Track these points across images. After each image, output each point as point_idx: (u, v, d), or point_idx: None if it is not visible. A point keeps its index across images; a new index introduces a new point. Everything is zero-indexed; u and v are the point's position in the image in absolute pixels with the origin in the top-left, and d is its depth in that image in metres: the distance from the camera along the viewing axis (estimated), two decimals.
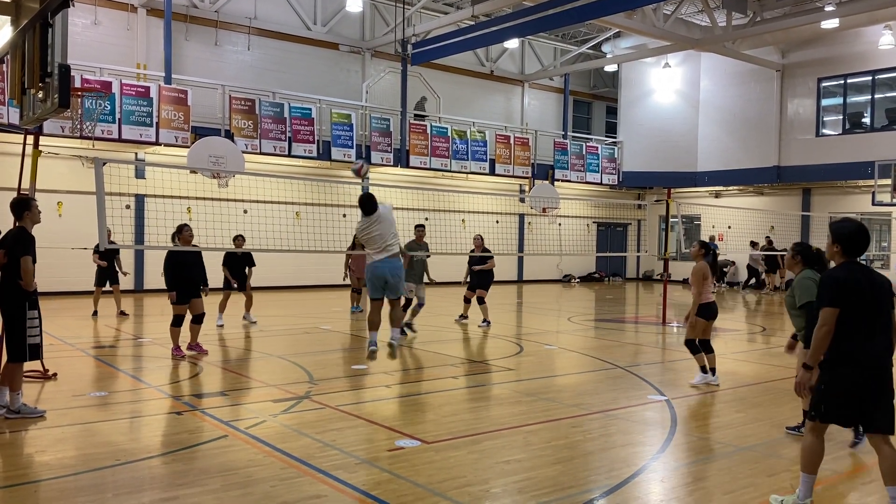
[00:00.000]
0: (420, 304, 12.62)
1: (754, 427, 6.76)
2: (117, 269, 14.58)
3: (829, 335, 4.38)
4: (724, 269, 26.28)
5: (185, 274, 9.92)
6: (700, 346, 8.55)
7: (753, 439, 6.33)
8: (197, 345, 10.20)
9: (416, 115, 24.38)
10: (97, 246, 13.69)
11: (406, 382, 8.76)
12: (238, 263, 13.30)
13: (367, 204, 8.21)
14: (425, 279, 12.74)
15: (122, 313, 14.51)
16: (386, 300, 8.41)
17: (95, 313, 14.34)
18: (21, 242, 6.58)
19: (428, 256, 12.84)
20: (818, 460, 4.62)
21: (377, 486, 4.97)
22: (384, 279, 8.18)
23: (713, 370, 8.66)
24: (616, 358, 10.47)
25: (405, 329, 11.71)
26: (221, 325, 12.91)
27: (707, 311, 8.49)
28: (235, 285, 13.21)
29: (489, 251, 14.28)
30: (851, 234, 4.57)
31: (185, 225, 10.06)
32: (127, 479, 5.11)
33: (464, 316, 14.48)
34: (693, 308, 8.59)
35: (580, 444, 6.18)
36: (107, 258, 14.28)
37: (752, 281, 25.27)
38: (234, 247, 13.04)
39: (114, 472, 5.22)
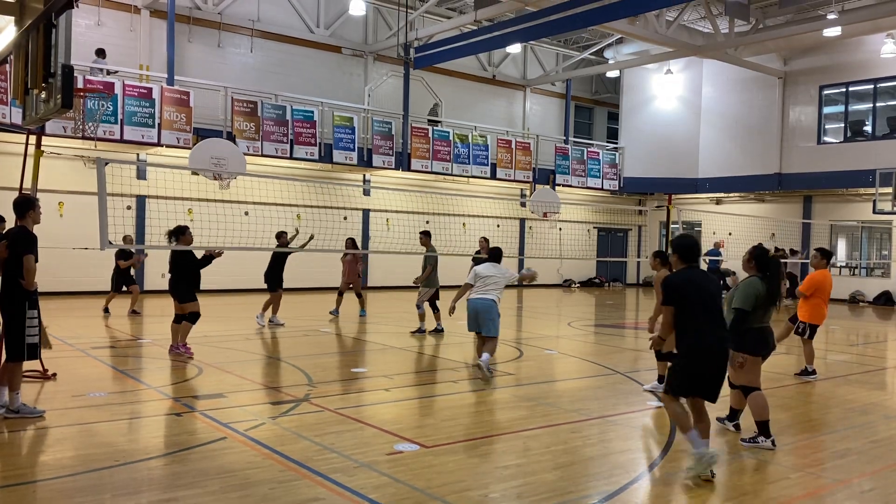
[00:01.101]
0: None
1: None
2: (132, 270, 15.15)
3: (671, 327, 5.58)
4: (727, 278, 26.22)
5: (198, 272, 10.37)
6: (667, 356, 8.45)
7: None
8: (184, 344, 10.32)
9: (429, 121, 24.53)
10: (119, 252, 14.51)
11: (405, 386, 8.76)
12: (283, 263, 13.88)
13: (499, 256, 9.58)
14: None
15: (135, 312, 14.77)
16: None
17: (107, 310, 14.68)
18: (25, 241, 6.59)
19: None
20: (688, 419, 5.49)
21: (375, 490, 4.97)
22: (476, 312, 9.09)
23: (662, 378, 8.50)
24: (616, 363, 10.47)
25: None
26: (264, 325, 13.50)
27: None
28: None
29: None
30: (689, 246, 5.72)
31: (187, 227, 10.25)
32: (125, 480, 5.10)
33: None
34: (653, 318, 8.68)
35: (579, 449, 6.17)
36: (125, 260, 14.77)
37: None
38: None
39: (112, 473, 5.21)
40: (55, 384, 8.06)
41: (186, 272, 10.16)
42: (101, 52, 18.51)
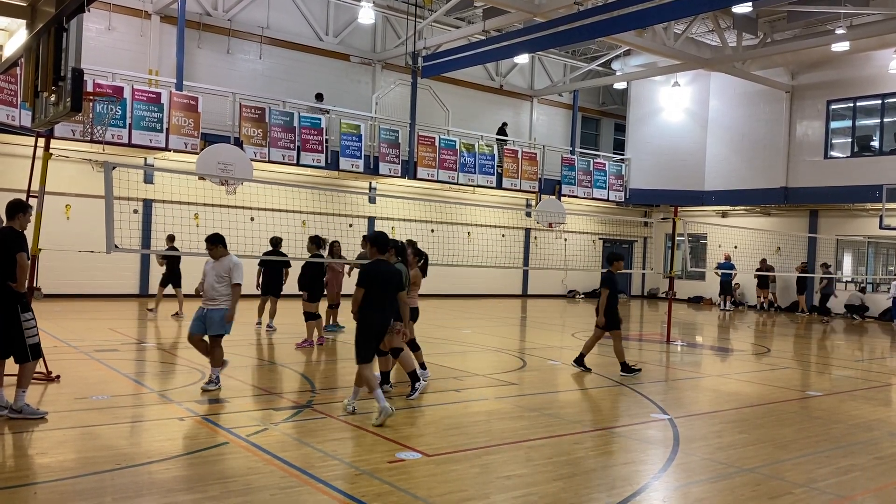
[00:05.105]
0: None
1: (757, 448, 6.72)
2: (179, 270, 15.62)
3: (358, 303, 7.05)
4: (734, 289, 26.14)
5: None
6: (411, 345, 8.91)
7: (756, 461, 6.29)
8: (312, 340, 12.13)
9: (497, 140, 25.05)
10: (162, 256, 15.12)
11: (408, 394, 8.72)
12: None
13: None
14: None
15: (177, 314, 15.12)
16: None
17: (152, 310, 15.36)
18: (17, 240, 6.64)
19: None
20: (376, 381, 7.18)
21: (377, 498, 4.95)
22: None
23: (423, 365, 9.26)
24: (619, 375, 10.43)
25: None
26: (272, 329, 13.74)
27: (413, 314, 8.98)
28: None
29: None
30: (382, 241, 7.36)
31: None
32: (127, 484, 5.10)
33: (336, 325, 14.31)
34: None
35: (582, 460, 6.15)
36: (171, 261, 15.36)
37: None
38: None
39: (114, 477, 5.21)
40: (58, 386, 8.08)
41: (317, 278, 12.26)
42: (319, 96, 21.61)
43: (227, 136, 19.37)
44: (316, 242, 12.66)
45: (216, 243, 8.31)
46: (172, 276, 15.55)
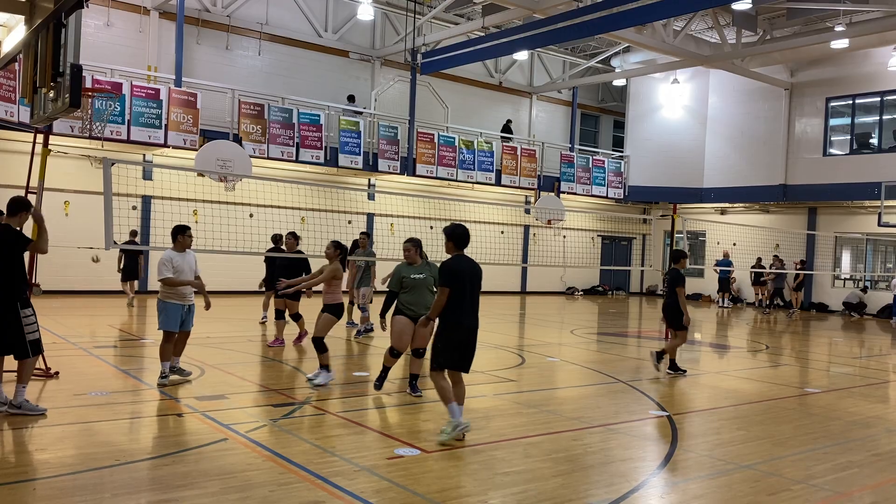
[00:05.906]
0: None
1: (755, 445, 6.74)
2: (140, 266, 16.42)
3: (444, 303, 6.30)
4: (731, 284, 26.18)
5: None
6: (320, 344, 8.63)
7: (754, 457, 6.30)
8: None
9: (502, 138, 25.22)
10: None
11: (407, 391, 8.74)
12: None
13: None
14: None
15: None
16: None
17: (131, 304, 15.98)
18: (21, 240, 6.75)
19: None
20: (449, 394, 6.36)
21: (375, 494, 4.96)
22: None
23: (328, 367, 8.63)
24: (618, 372, 10.44)
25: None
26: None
27: (337, 310, 8.79)
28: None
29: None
30: (461, 235, 6.51)
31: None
32: (125, 480, 5.11)
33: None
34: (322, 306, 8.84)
35: (580, 457, 6.16)
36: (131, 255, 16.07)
37: (778, 301, 24.59)
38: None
39: (112, 473, 5.22)
40: (57, 382, 8.08)
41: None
42: (351, 98, 22.81)
43: (226, 133, 19.35)
44: (296, 238, 12.30)
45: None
46: (134, 269, 16.05)
